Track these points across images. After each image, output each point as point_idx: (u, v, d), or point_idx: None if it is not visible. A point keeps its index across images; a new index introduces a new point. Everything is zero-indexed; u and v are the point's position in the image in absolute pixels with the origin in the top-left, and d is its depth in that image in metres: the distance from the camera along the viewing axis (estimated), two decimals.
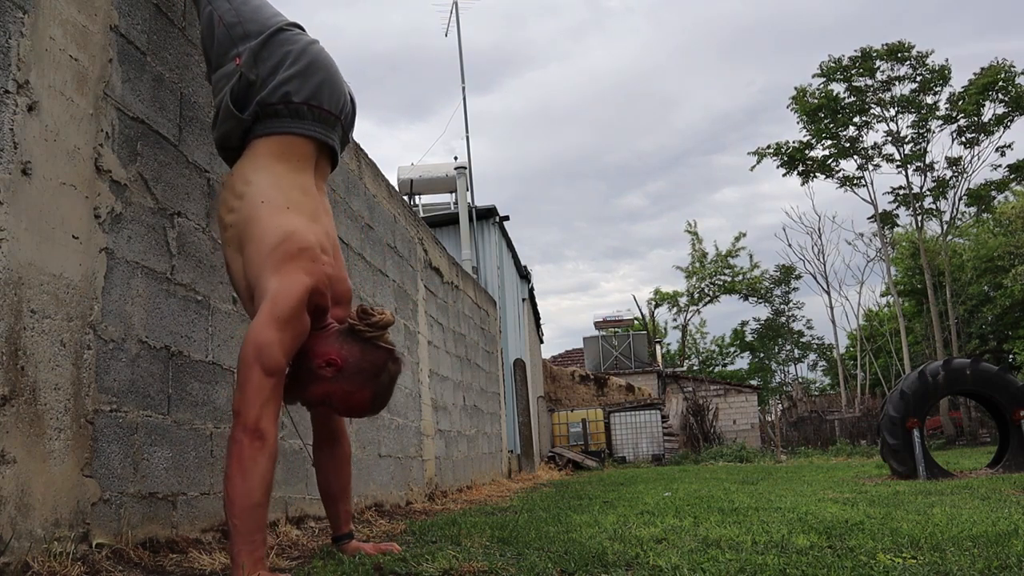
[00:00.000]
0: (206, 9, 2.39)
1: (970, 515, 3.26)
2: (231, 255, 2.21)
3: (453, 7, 13.44)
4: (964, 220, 26.38)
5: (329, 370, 2.08)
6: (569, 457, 13.58)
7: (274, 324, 1.97)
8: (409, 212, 5.74)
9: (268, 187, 2.18)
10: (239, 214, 2.17)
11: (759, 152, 24.88)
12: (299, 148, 2.28)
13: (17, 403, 1.77)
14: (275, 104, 2.24)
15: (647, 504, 4.46)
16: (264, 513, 1.88)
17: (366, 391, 2.11)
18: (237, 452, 1.86)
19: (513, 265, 13.06)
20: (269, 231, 2.11)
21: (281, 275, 2.05)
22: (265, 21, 2.34)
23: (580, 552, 2.34)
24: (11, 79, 1.82)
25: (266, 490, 1.87)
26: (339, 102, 2.36)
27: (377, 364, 2.11)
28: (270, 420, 1.90)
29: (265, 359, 1.92)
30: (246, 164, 2.25)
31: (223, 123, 2.31)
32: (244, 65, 2.26)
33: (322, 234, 2.23)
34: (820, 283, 38.69)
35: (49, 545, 1.83)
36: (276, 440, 1.92)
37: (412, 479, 5.09)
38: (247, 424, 1.87)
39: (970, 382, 6.69)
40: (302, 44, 2.32)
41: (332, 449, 2.39)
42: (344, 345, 2.10)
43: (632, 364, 23.56)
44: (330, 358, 2.08)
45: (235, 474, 1.85)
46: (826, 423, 20.64)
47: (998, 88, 20.99)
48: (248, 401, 1.89)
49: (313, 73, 2.30)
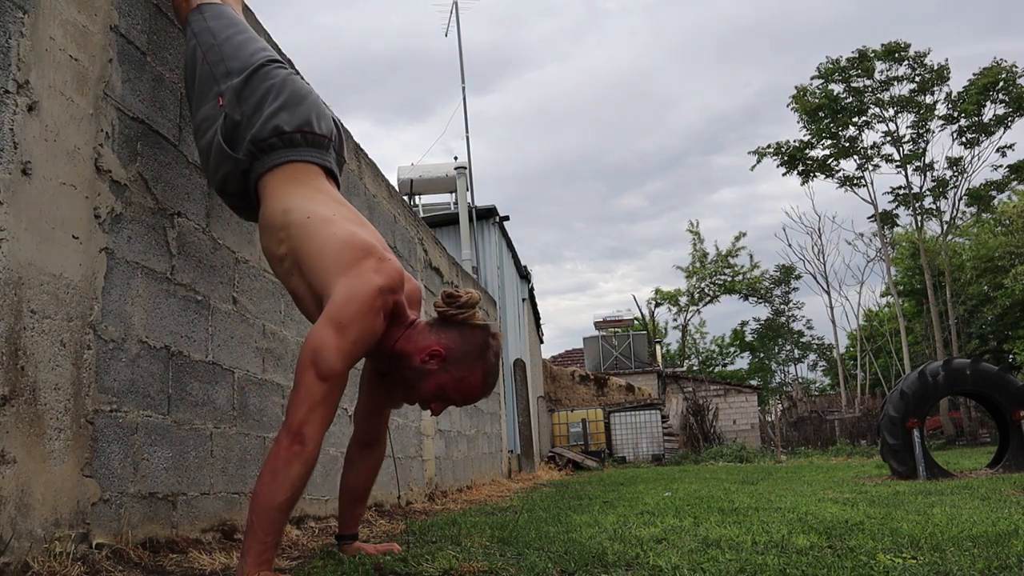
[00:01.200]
0: (191, 42, 2.38)
1: (970, 515, 3.26)
2: (295, 284, 2.14)
3: (453, 7, 13.45)
4: (964, 220, 26.38)
5: (434, 362, 2.05)
6: (569, 457, 13.58)
7: (333, 327, 1.90)
8: (409, 212, 5.74)
9: (306, 205, 2.14)
10: (290, 241, 2.11)
11: (759, 152, 24.91)
12: (305, 172, 2.26)
13: (17, 403, 1.77)
14: (268, 138, 2.21)
15: (647, 504, 4.46)
16: (284, 517, 1.85)
17: (476, 372, 2.08)
18: (275, 451, 1.84)
19: (513, 265, 13.06)
20: (327, 242, 2.05)
21: (349, 276, 1.99)
22: (247, 59, 2.32)
23: (580, 552, 2.34)
24: (11, 79, 1.82)
25: (293, 495, 1.84)
26: (328, 127, 2.36)
27: (480, 343, 2.09)
28: (315, 426, 1.86)
29: (320, 363, 1.87)
30: (272, 203, 2.20)
31: (220, 165, 2.27)
32: (227, 106, 2.24)
33: (374, 236, 2.20)
34: (820, 283, 38.76)
35: (49, 545, 1.83)
36: (317, 447, 1.87)
37: (412, 479, 5.09)
38: (291, 426, 1.84)
39: (970, 382, 6.69)
40: (281, 76, 2.32)
41: (370, 450, 2.38)
42: (442, 334, 2.08)
43: (632, 364, 23.57)
44: (433, 350, 2.05)
45: (266, 472, 1.83)
46: (826, 423, 20.65)
47: (999, 88, 20.99)
48: (296, 404, 1.86)
49: (299, 102, 2.29)
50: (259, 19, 3.17)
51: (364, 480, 2.39)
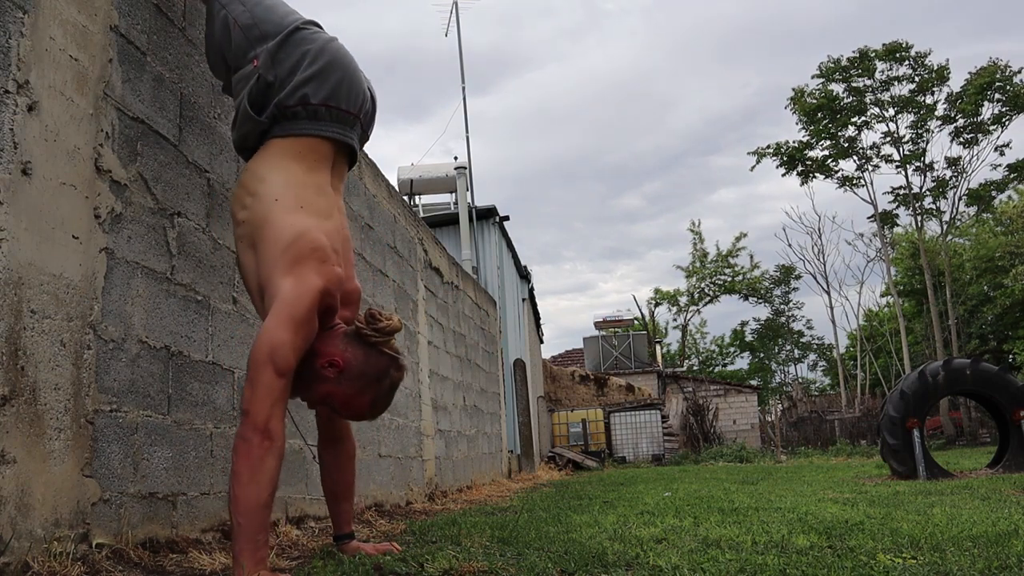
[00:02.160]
0: (220, 13, 2.38)
1: (970, 515, 3.26)
2: (243, 252, 2.21)
3: (453, 7, 13.44)
4: (964, 220, 26.37)
5: (331, 371, 2.08)
6: (569, 457, 13.57)
7: (289, 325, 1.97)
8: (409, 212, 5.74)
9: (282, 185, 2.18)
10: (252, 211, 2.17)
11: (759, 152, 24.90)
12: (317, 149, 2.29)
13: (17, 403, 1.77)
14: (293, 106, 2.24)
15: (647, 504, 4.46)
16: (268, 514, 1.88)
17: (366, 396, 2.11)
18: (246, 451, 1.85)
19: (513, 265, 13.06)
20: (282, 230, 2.11)
21: (294, 276, 2.05)
22: (280, 20, 2.33)
23: (580, 552, 2.34)
24: (11, 79, 1.82)
25: (273, 491, 1.88)
26: (358, 100, 2.36)
27: (379, 369, 2.11)
28: (279, 420, 1.91)
29: (278, 360, 1.93)
30: (261, 162, 2.26)
31: (242, 125, 2.32)
32: (262, 67, 2.26)
33: (334, 232, 2.24)
34: (820, 283, 38.66)
35: (49, 545, 1.83)
36: (284, 441, 1.93)
37: (412, 479, 5.09)
38: (257, 424, 1.87)
39: (970, 382, 6.69)
40: (320, 43, 2.32)
41: (336, 448, 2.40)
42: (348, 347, 2.10)
43: (632, 364, 23.56)
44: (333, 359, 2.08)
45: (243, 473, 1.84)
46: (826, 423, 20.64)
47: (996, 88, 20.99)
48: (259, 401, 1.89)
49: (331, 73, 2.29)
50: None
51: (340, 477, 2.40)
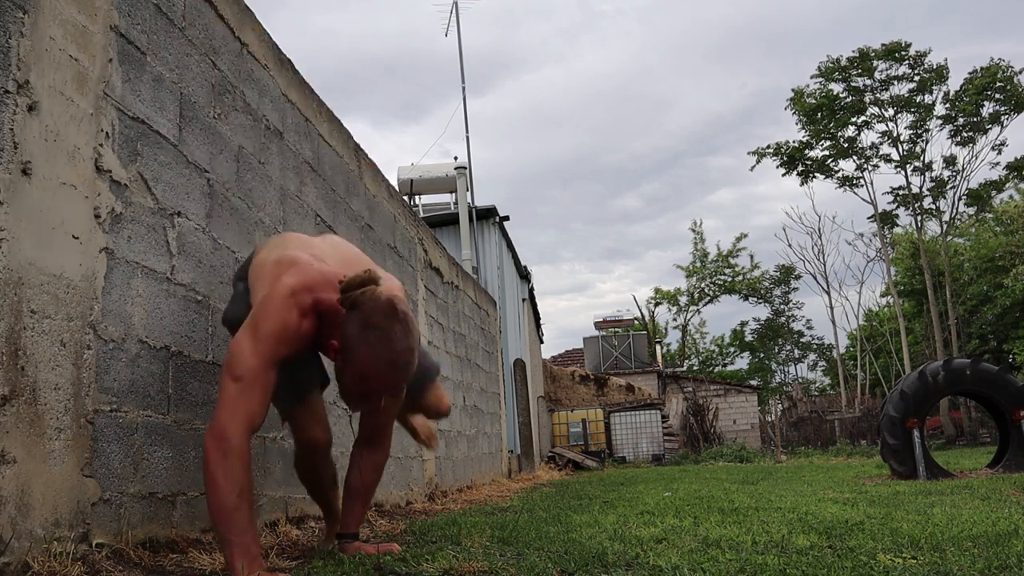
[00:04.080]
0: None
1: (970, 515, 3.26)
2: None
3: (453, 7, 13.44)
4: (964, 220, 26.36)
5: (336, 356, 2.05)
6: (569, 457, 13.57)
7: (247, 330, 2.00)
8: (409, 212, 5.74)
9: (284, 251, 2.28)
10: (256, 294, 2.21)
11: (759, 152, 24.92)
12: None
13: (17, 403, 1.77)
14: None
15: (647, 504, 4.46)
16: (245, 515, 1.86)
17: (362, 355, 1.96)
18: (206, 458, 1.87)
19: (513, 265, 13.05)
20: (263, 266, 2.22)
21: (268, 288, 2.09)
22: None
23: (580, 552, 2.34)
24: (11, 79, 1.82)
25: (238, 491, 1.85)
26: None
27: (361, 320, 1.97)
28: (237, 423, 1.89)
29: (233, 365, 1.95)
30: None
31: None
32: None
33: (318, 246, 2.29)
34: (820, 283, 38.65)
35: (49, 545, 1.83)
36: (242, 442, 1.88)
37: (412, 479, 5.09)
38: (213, 429, 1.89)
39: (970, 382, 6.69)
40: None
41: (371, 449, 2.41)
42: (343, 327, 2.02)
43: (632, 364, 23.55)
44: (332, 345, 2.06)
45: (208, 482, 1.86)
46: (826, 423, 20.64)
47: (995, 88, 21.00)
48: (218, 407, 1.93)
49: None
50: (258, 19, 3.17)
51: (365, 477, 2.40)
